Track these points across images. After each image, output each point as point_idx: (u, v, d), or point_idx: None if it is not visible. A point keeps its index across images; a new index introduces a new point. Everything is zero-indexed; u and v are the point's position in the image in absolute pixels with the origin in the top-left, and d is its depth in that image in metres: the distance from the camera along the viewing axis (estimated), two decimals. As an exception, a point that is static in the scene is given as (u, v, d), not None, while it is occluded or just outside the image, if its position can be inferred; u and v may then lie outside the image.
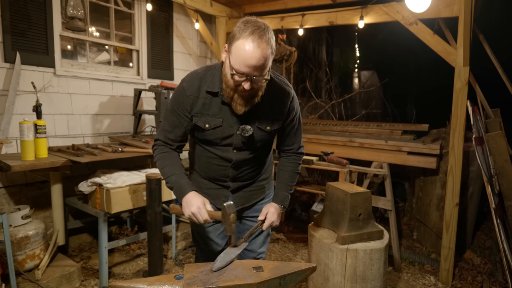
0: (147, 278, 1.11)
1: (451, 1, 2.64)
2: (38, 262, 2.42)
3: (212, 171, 1.55)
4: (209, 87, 1.40)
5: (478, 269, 2.94)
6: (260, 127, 1.46)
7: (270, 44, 1.23)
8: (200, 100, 1.41)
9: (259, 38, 1.19)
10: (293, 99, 1.52)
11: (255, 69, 1.22)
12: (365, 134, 3.47)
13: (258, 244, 1.74)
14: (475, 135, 2.37)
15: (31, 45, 2.75)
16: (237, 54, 1.22)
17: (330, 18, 3.35)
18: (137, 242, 3.22)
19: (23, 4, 2.67)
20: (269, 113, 1.46)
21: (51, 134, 2.93)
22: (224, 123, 1.42)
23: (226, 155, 1.49)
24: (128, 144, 2.95)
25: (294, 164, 1.65)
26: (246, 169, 1.55)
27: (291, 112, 1.52)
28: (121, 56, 3.65)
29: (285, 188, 1.60)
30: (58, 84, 2.96)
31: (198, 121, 1.43)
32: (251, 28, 1.21)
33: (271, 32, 1.26)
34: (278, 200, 1.56)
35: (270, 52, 1.23)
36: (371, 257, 1.90)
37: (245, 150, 1.49)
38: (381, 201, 3.11)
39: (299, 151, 1.66)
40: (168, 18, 3.81)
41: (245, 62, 1.21)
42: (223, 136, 1.44)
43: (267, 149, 1.63)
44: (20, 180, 2.77)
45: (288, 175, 1.63)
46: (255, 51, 1.19)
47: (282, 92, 1.49)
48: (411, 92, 6.32)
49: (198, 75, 1.44)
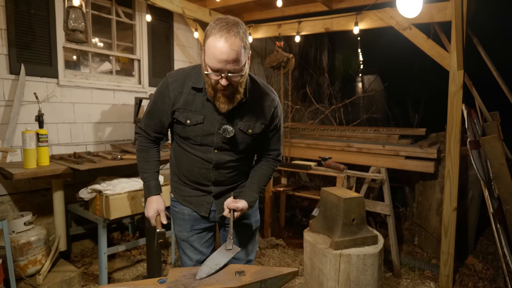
0: (132, 282, 1.15)
1: (443, 6, 2.66)
2: (39, 268, 2.48)
3: (194, 174, 1.54)
4: (194, 83, 1.43)
5: (479, 275, 2.90)
6: (243, 129, 1.46)
7: (240, 37, 1.24)
8: (183, 96, 1.43)
9: (227, 32, 1.22)
10: (277, 106, 1.54)
11: (227, 63, 1.24)
12: (362, 139, 3.48)
13: (248, 251, 1.73)
14: (469, 138, 2.36)
15: (35, 57, 2.85)
16: (209, 51, 1.25)
17: (326, 24, 3.40)
18: (137, 248, 3.27)
19: (27, 18, 2.78)
20: (252, 116, 1.47)
21: (54, 143, 3.02)
22: (205, 120, 1.43)
23: (207, 156, 1.49)
24: (129, 151, 3.02)
25: (271, 169, 1.65)
26: (228, 172, 1.55)
27: (275, 118, 1.53)
28: (123, 66, 3.75)
29: (256, 190, 1.59)
30: (61, 94, 3.06)
31: (179, 116, 1.45)
32: (220, 24, 1.24)
33: (241, 26, 1.28)
34: (248, 199, 1.53)
35: (241, 46, 1.25)
36: (364, 263, 1.90)
37: (226, 150, 1.50)
38: (379, 206, 3.10)
39: (277, 158, 1.67)
40: (168, 27, 3.91)
41: (216, 58, 1.23)
42: (204, 134, 1.45)
43: (249, 153, 1.62)
44: (24, 188, 2.85)
45: (262, 178, 1.62)
46: (224, 46, 1.21)
47: (266, 97, 1.51)
48: (414, 96, 6.30)
49: (184, 71, 1.48)
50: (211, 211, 1.61)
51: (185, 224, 1.63)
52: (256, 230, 1.77)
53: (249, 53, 1.35)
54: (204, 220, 1.63)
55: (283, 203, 3.85)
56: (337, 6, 3.46)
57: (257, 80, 1.53)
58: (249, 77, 1.47)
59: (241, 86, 1.35)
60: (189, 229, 1.63)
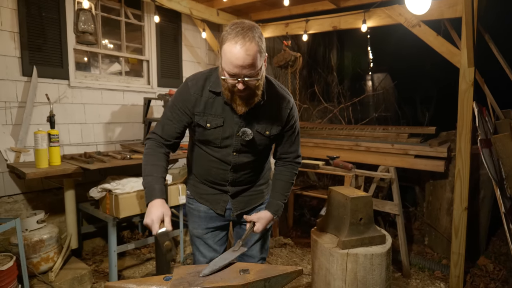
0: (138, 279, 1.17)
1: (454, 2, 2.61)
2: (52, 265, 2.54)
3: (211, 175, 1.57)
4: (212, 87, 1.44)
5: (491, 276, 2.84)
6: (260, 131, 1.49)
7: (256, 42, 1.25)
8: (203, 99, 1.45)
9: (243, 38, 1.23)
10: (293, 107, 1.55)
11: (243, 68, 1.25)
12: (371, 138, 3.45)
13: (260, 250, 1.76)
14: (480, 137, 2.31)
15: (46, 59, 2.92)
16: (225, 56, 1.27)
17: (334, 23, 3.37)
18: (147, 246, 3.31)
19: (39, 21, 2.84)
20: (269, 118, 1.49)
21: (65, 143, 3.09)
22: (225, 124, 1.45)
23: (225, 158, 1.51)
24: (138, 151, 3.06)
25: (291, 174, 1.66)
26: (245, 173, 1.58)
27: (290, 120, 1.55)
28: (132, 67, 3.80)
29: (280, 198, 1.61)
30: (72, 95, 3.12)
31: (200, 120, 1.46)
32: (235, 30, 1.25)
33: (257, 30, 1.28)
34: (272, 209, 1.57)
35: (256, 51, 1.26)
36: (371, 262, 1.89)
37: (244, 153, 1.52)
38: (388, 206, 3.07)
39: (296, 160, 1.67)
40: (176, 28, 3.94)
41: (232, 63, 1.25)
42: (224, 137, 1.47)
43: (266, 154, 1.65)
44: (37, 187, 2.92)
45: (283, 185, 1.64)
46: (239, 51, 1.23)
47: (282, 99, 1.53)
48: (425, 94, 6.19)
49: (203, 75, 1.49)
50: (227, 209, 1.64)
51: (200, 221, 1.66)
52: (270, 229, 1.80)
53: (266, 56, 1.36)
54: (219, 218, 1.66)
55: (291, 202, 3.85)
56: (345, 4, 3.44)
57: (273, 82, 1.55)
58: (266, 79, 1.48)
59: (258, 89, 1.37)
60: (204, 227, 1.66)
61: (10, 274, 2.09)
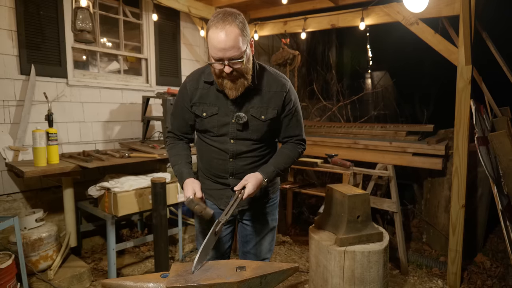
0: (135, 276, 1.18)
1: (451, 0, 2.61)
2: (51, 263, 2.55)
3: (213, 166, 1.61)
4: (206, 78, 1.53)
5: (488, 273, 2.86)
6: (255, 115, 1.51)
7: (236, 24, 1.31)
8: (199, 91, 1.54)
9: (223, 22, 1.30)
10: (289, 90, 1.55)
11: (226, 51, 1.31)
12: (369, 135, 3.45)
13: (264, 250, 1.75)
14: (477, 134, 2.32)
15: (45, 57, 2.92)
16: (210, 43, 1.35)
17: (332, 20, 3.37)
18: (146, 244, 3.32)
19: (37, 20, 2.84)
20: (263, 102, 1.52)
21: (64, 141, 3.09)
22: (220, 111, 1.51)
23: (224, 147, 1.55)
24: (136, 149, 3.06)
25: (293, 148, 1.62)
26: (246, 164, 1.57)
27: (288, 103, 1.55)
28: (131, 65, 3.80)
29: (274, 164, 1.55)
30: (70, 93, 3.12)
31: (196, 109, 1.55)
32: (217, 17, 1.33)
33: (238, 16, 1.35)
34: (263, 171, 1.51)
35: (238, 33, 1.31)
36: (369, 259, 1.90)
37: (242, 140, 1.54)
38: (386, 203, 3.08)
39: (300, 142, 1.65)
40: (175, 26, 3.94)
41: (216, 47, 1.32)
42: (220, 124, 1.52)
43: (267, 144, 1.62)
44: (36, 185, 2.93)
45: (282, 155, 1.60)
46: (220, 35, 1.30)
47: (277, 83, 1.54)
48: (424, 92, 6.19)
49: (199, 70, 1.60)
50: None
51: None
52: (274, 229, 1.78)
53: (251, 41, 1.42)
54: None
55: (290, 200, 3.86)
56: (343, 2, 3.43)
57: (268, 68, 1.58)
58: (259, 65, 1.55)
59: (247, 73, 1.41)
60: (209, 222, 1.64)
61: (9, 273, 2.10)
